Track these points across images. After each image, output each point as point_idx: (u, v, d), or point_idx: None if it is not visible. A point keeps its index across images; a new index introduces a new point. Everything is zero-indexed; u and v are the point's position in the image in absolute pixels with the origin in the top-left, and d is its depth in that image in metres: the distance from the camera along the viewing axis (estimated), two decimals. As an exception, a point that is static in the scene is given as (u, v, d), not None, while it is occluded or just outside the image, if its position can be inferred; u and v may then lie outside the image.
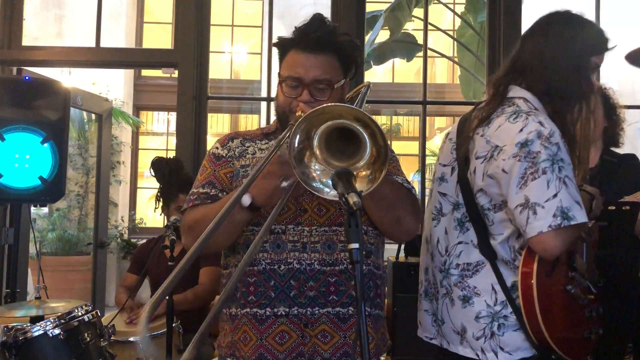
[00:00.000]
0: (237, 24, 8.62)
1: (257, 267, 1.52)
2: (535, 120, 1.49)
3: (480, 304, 1.59)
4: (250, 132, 1.71)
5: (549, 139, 1.46)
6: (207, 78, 3.79)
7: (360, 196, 1.07)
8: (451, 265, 1.66)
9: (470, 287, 1.61)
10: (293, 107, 1.52)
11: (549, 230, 1.42)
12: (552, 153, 1.45)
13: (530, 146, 1.46)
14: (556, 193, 1.43)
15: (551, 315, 1.51)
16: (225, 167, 1.61)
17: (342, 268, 1.52)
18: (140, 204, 8.40)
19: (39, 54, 3.94)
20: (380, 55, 7.54)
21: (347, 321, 1.52)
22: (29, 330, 2.11)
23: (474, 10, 7.29)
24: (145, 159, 8.53)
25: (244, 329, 1.53)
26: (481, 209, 1.60)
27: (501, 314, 1.57)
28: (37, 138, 2.80)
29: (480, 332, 1.59)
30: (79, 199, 7.27)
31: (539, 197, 1.44)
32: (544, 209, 1.43)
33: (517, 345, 1.56)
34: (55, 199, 2.97)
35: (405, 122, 9.85)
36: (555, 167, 1.45)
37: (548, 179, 1.44)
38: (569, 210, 1.43)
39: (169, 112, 8.71)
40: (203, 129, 3.76)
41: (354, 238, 1.05)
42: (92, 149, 6.99)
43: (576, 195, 1.45)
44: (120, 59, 4.29)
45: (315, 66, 1.52)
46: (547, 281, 1.51)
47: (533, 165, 1.45)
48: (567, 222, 1.42)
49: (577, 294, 1.57)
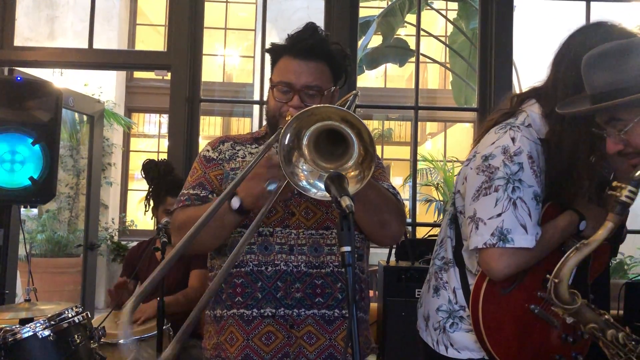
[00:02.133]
0: (231, 27, 8.63)
1: (245, 269, 1.55)
2: (510, 135, 1.47)
3: (444, 298, 1.63)
4: (241, 136, 1.74)
5: (512, 158, 1.44)
6: (200, 81, 3.79)
7: (353, 200, 1.08)
8: (438, 256, 1.71)
9: (443, 280, 1.66)
10: (283, 111, 1.56)
11: (486, 248, 1.42)
12: (510, 172, 1.43)
13: (491, 160, 1.46)
14: (501, 212, 1.42)
15: (502, 333, 1.50)
16: (215, 169, 1.63)
17: (329, 271, 1.55)
18: (130, 206, 8.38)
19: (30, 55, 3.91)
20: (372, 61, 7.57)
21: (333, 323, 1.54)
22: (19, 332, 2.10)
23: (466, 17, 7.33)
24: (136, 161, 8.51)
25: (231, 329, 1.54)
26: (456, 209, 1.64)
27: (458, 314, 1.60)
28: (28, 139, 2.78)
29: (437, 324, 1.64)
30: (69, 201, 7.23)
31: (484, 213, 1.45)
32: (485, 225, 1.44)
33: (464, 345, 1.59)
34: (45, 200, 2.95)
35: (397, 127, 9.89)
36: (510, 186, 1.43)
37: (498, 197, 1.43)
38: (509, 233, 1.41)
39: (161, 114, 8.70)
40: (195, 131, 3.75)
41: (346, 241, 1.05)
42: (83, 151, 6.96)
43: (524, 219, 1.42)
44: (112, 60, 4.28)
45: (307, 73, 1.56)
46: (503, 298, 1.50)
47: (488, 181, 1.46)
48: (503, 244, 1.40)
49: (545, 315, 1.52)
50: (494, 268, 1.44)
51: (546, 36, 6.74)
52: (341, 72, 1.65)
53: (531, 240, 1.43)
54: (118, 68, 6.10)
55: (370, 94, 8.62)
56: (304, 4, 7.84)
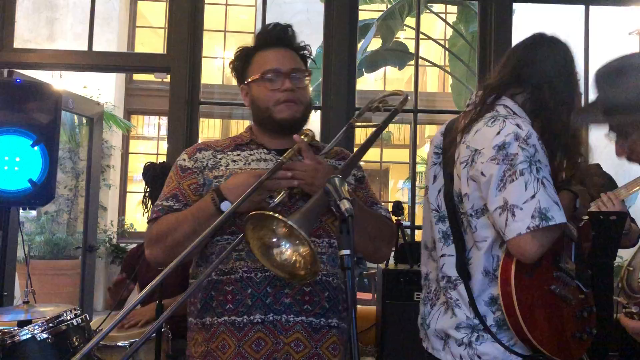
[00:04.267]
0: (230, 29, 8.64)
1: (234, 275, 1.53)
2: (513, 123, 1.50)
3: (461, 315, 1.61)
4: (220, 143, 1.70)
5: (526, 141, 1.46)
6: (200, 83, 3.79)
7: (352, 203, 1.08)
8: (438, 276, 1.68)
9: (453, 299, 1.63)
10: (279, 98, 1.57)
11: (527, 232, 1.42)
12: (529, 154, 1.45)
13: (507, 148, 1.47)
14: (534, 194, 1.43)
15: (535, 318, 1.51)
16: (189, 178, 1.60)
17: (317, 279, 1.54)
18: (129, 208, 8.37)
19: (30, 57, 3.92)
20: (372, 63, 7.57)
21: (319, 332, 1.54)
22: (17, 334, 2.09)
23: (466, 21, 7.35)
24: (135, 163, 8.50)
25: (222, 337, 1.53)
26: (465, 214, 1.60)
27: (480, 327, 1.58)
28: (28, 141, 2.78)
29: (460, 341, 1.61)
30: (68, 203, 7.22)
31: (517, 199, 1.44)
32: (522, 210, 1.43)
33: (493, 355, 1.57)
34: (44, 202, 2.94)
35: (397, 130, 9.90)
36: (533, 168, 1.45)
37: (526, 180, 1.44)
38: (548, 211, 1.42)
39: (160, 116, 8.70)
40: (194, 134, 3.76)
41: (345, 244, 1.05)
42: (82, 153, 6.95)
43: (554, 196, 1.45)
44: (112, 63, 4.28)
45: (288, 58, 1.62)
46: (529, 282, 1.52)
47: (511, 168, 1.46)
48: (546, 222, 1.42)
49: (564, 294, 1.57)
50: (529, 250, 1.44)
51: (545, 40, 6.76)
52: (306, 62, 1.70)
53: (564, 215, 1.45)
54: (117, 70, 6.10)
55: (369, 97, 8.59)
56: (303, 7, 7.85)
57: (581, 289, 1.64)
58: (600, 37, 4.85)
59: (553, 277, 1.57)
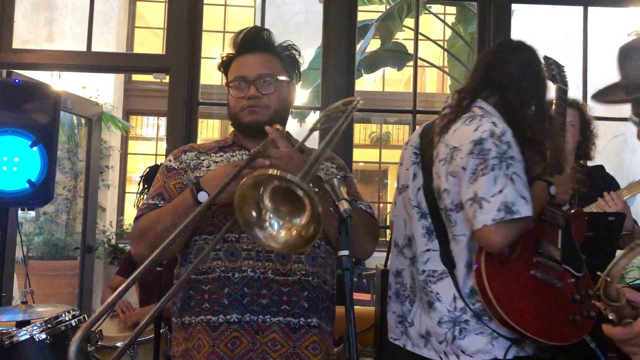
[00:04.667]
0: (229, 30, 8.64)
1: (212, 275, 1.54)
2: (489, 121, 1.60)
3: (442, 310, 1.66)
4: (206, 145, 1.76)
5: (500, 138, 1.56)
6: (198, 84, 3.79)
7: (351, 204, 1.09)
8: (418, 271, 1.73)
9: (433, 293, 1.68)
10: (244, 105, 1.62)
11: (492, 224, 1.51)
12: (501, 151, 1.55)
13: (483, 144, 1.56)
14: (502, 189, 1.52)
15: (515, 304, 1.58)
16: (175, 178, 1.64)
17: (296, 279, 1.55)
18: (128, 209, 8.36)
19: (29, 57, 3.91)
20: (371, 64, 7.57)
21: (298, 332, 1.54)
22: (15, 335, 2.09)
23: (465, 21, 7.35)
24: (134, 164, 8.50)
25: (198, 336, 1.54)
26: (444, 209, 1.67)
27: (462, 319, 1.64)
28: (26, 141, 2.77)
29: (442, 337, 1.66)
30: (67, 203, 7.21)
31: (486, 192, 1.53)
32: (489, 203, 1.52)
33: (476, 348, 1.62)
34: (43, 202, 2.94)
35: (395, 130, 9.90)
36: (504, 164, 1.54)
37: (496, 175, 1.53)
38: (513, 205, 1.51)
39: (159, 117, 8.69)
40: (193, 134, 3.76)
41: (343, 245, 1.06)
42: (81, 153, 6.94)
43: (522, 191, 1.53)
44: (111, 63, 4.28)
45: (257, 64, 1.63)
46: (504, 270, 1.60)
47: (483, 162, 1.55)
48: (510, 215, 1.50)
49: (546, 278, 1.64)
50: (494, 241, 1.53)
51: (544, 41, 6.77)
52: (293, 65, 1.71)
53: (530, 209, 1.53)
54: (116, 71, 6.10)
55: (368, 98, 8.61)
56: (302, 8, 7.86)
57: (572, 273, 1.70)
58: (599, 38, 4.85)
59: (533, 263, 1.65)
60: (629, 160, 6.15)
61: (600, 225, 2.18)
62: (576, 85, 3.74)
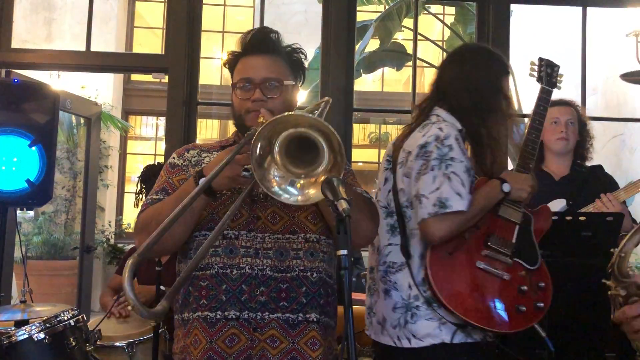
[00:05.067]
0: (228, 30, 8.64)
1: (210, 271, 1.55)
2: (437, 127, 1.79)
3: (397, 297, 1.83)
4: (208, 145, 1.78)
5: (443, 141, 1.74)
6: (197, 84, 3.79)
7: (350, 204, 1.09)
8: (379, 263, 1.90)
9: (391, 282, 1.85)
10: (249, 107, 1.60)
11: (429, 217, 1.69)
12: (442, 153, 1.73)
13: (426, 147, 1.76)
14: (439, 186, 1.70)
15: (457, 292, 1.74)
16: (178, 174, 1.66)
17: (294, 275, 1.56)
18: (127, 208, 8.35)
19: (28, 57, 3.91)
20: (370, 64, 7.57)
21: (296, 327, 1.55)
22: (14, 334, 2.09)
23: (463, 22, 7.35)
24: (133, 163, 8.49)
25: (195, 332, 1.55)
26: (401, 207, 1.84)
27: (413, 304, 1.79)
28: (25, 141, 2.77)
29: (396, 322, 1.82)
30: (65, 203, 7.21)
31: (424, 189, 1.73)
32: (427, 199, 1.71)
33: (426, 332, 1.77)
34: (42, 202, 2.94)
35: (394, 130, 9.89)
36: (443, 164, 1.73)
37: (435, 174, 1.72)
38: (447, 200, 1.69)
39: (158, 117, 8.69)
40: (192, 134, 3.76)
41: (342, 244, 1.06)
42: (80, 153, 6.94)
43: (458, 188, 1.71)
44: (110, 63, 4.28)
45: (264, 66, 1.62)
46: (450, 261, 1.76)
47: (426, 163, 1.75)
48: (443, 209, 1.68)
49: (491, 270, 1.77)
50: (434, 233, 1.71)
51: (543, 41, 6.78)
52: (298, 67, 1.70)
53: (465, 204, 1.71)
54: (115, 71, 6.10)
55: (367, 98, 8.63)
56: (301, 8, 7.86)
57: (523, 265, 1.83)
58: (597, 39, 4.86)
59: (481, 255, 1.79)
60: (627, 160, 6.15)
61: (599, 225, 2.19)
62: (574, 85, 3.75)
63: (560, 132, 2.55)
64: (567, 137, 2.56)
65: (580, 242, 2.15)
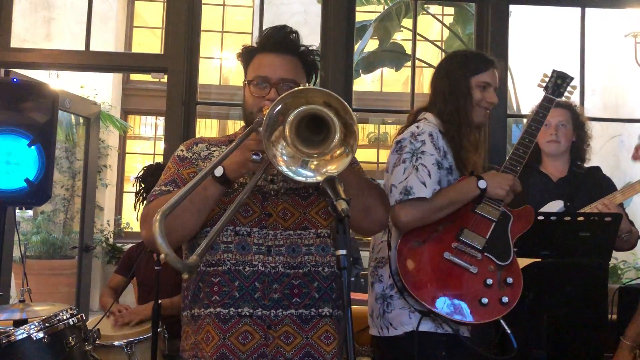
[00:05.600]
0: (227, 30, 8.63)
1: (222, 267, 1.55)
2: (415, 125, 1.93)
3: (379, 288, 1.95)
4: (216, 139, 1.77)
5: (416, 137, 1.89)
6: (197, 83, 3.79)
7: (348, 203, 1.09)
8: (371, 259, 2.04)
9: (378, 275, 1.97)
10: (262, 106, 1.57)
11: (395, 204, 1.81)
12: (414, 147, 1.88)
13: (402, 142, 1.92)
14: (407, 177, 1.84)
15: (421, 279, 1.82)
16: (188, 167, 1.64)
17: (306, 271, 1.56)
18: (126, 208, 8.35)
19: (27, 56, 3.91)
20: (369, 65, 7.57)
21: (310, 322, 1.55)
22: (13, 334, 2.09)
23: (462, 22, 7.35)
24: (132, 163, 8.48)
25: (207, 328, 1.54)
26: None
27: (388, 294, 1.91)
28: (24, 140, 2.77)
29: (377, 312, 1.94)
30: (64, 203, 7.20)
31: (395, 179, 1.87)
32: (396, 188, 1.85)
33: (400, 321, 1.87)
34: (41, 202, 2.94)
35: (393, 131, 9.88)
36: (414, 157, 1.86)
37: (405, 166, 1.86)
38: (412, 188, 1.81)
39: (157, 116, 8.68)
40: (191, 134, 3.76)
41: (341, 244, 1.06)
42: (79, 152, 6.94)
43: (423, 178, 1.83)
44: (109, 63, 4.28)
45: (281, 66, 1.61)
46: (419, 250, 1.86)
47: (399, 156, 1.90)
48: (407, 196, 1.81)
49: (458, 262, 1.85)
50: (399, 218, 1.82)
51: (541, 41, 6.78)
52: (312, 69, 1.70)
53: (428, 192, 1.82)
54: (115, 70, 6.09)
55: (366, 98, 8.63)
56: (300, 8, 7.86)
57: (493, 260, 1.87)
58: (596, 40, 4.86)
59: (451, 247, 1.87)
60: (625, 161, 6.15)
61: (597, 226, 2.19)
62: (573, 86, 3.75)
63: (550, 135, 2.54)
64: (558, 140, 2.55)
65: (579, 243, 2.16)
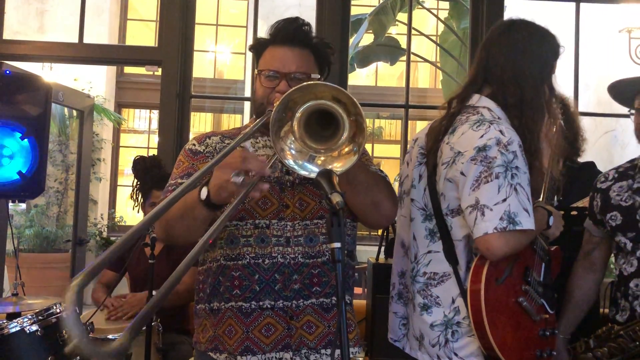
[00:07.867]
0: (222, 23, 8.60)
1: (242, 261, 1.55)
2: (497, 129, 1.53)
3: (438, 314, 1.63)
4: (228, 131, 1.75)
5: (507, 147, 1.50)
6: (191, 77, 3.78)
7: (343, 196, 1.09)
8: (418, 273, 1.69)
9: (433, 296, 1.65)
10: (271, 98, 1.57)
11: (494, 232, 1.46)
12: (507, 160, 1.49)
13: (487, 151, 1.50)
14: (505, 198, 1.48)
15: (499, 323, 1.54)
16: (203, 161, 1.62)
17: (325, 259, 1.57)
18: (120, 201, 8.34)
19: (20, 48, 3.88)
20: (364, 59, 7.57)
21: (331, 311, 1.57)
22: (6, 327, 2.09)
23: (457, 17, 7.36)
24: (126, 156, 8.46)
25: (229, 322, 1.55)
26: (442, 213, 1.64)
27: (454, 321, 1.61)
28: (17, 133, 2.76)
29: (435, 340, 1.63)
30: (58, 196, 7.18)
31: (488, 199, 1.48)
32: (492, 211, 1.48)
33: (470, 351, 1.60)
34: (34, 195, 2.93)
35: (388, 125, 9.90)
36: (509, 173, 1.49)
37: (500, 183, 1.48)
38: (516, 216, 1.47)
39: (151, 109, 8.66)
40: (186, 127, 3.75)
41: (336, 237, 1.06)
42: (72, 146, 6.91)
43: (525, 203, 1.49)
44: (103, 55, 4.25)
45: (293, 59, 1.59)
46: (499, 288, 1.55)
47: (488, 170, 1.50)
48: (513, 226, 1.46)
49: (529, 309, 1.60)
50: (495, 247, 1.48)
51: (536, 36, 6.78)
52: (324, 62, 1.68)
53: (532, 223, 1.50)
54: (108, 63, 6.06)
55: (360, 92, 8.63)
56: (295, 2, 7.84)
57: (546, 309, 1.68)
58: (590, 34, 4.87)
59: (521, 290, 1.61)
60: (619, 156, 6.18)
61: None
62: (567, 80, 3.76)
63: None
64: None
65: (571, 237, 2.17)
